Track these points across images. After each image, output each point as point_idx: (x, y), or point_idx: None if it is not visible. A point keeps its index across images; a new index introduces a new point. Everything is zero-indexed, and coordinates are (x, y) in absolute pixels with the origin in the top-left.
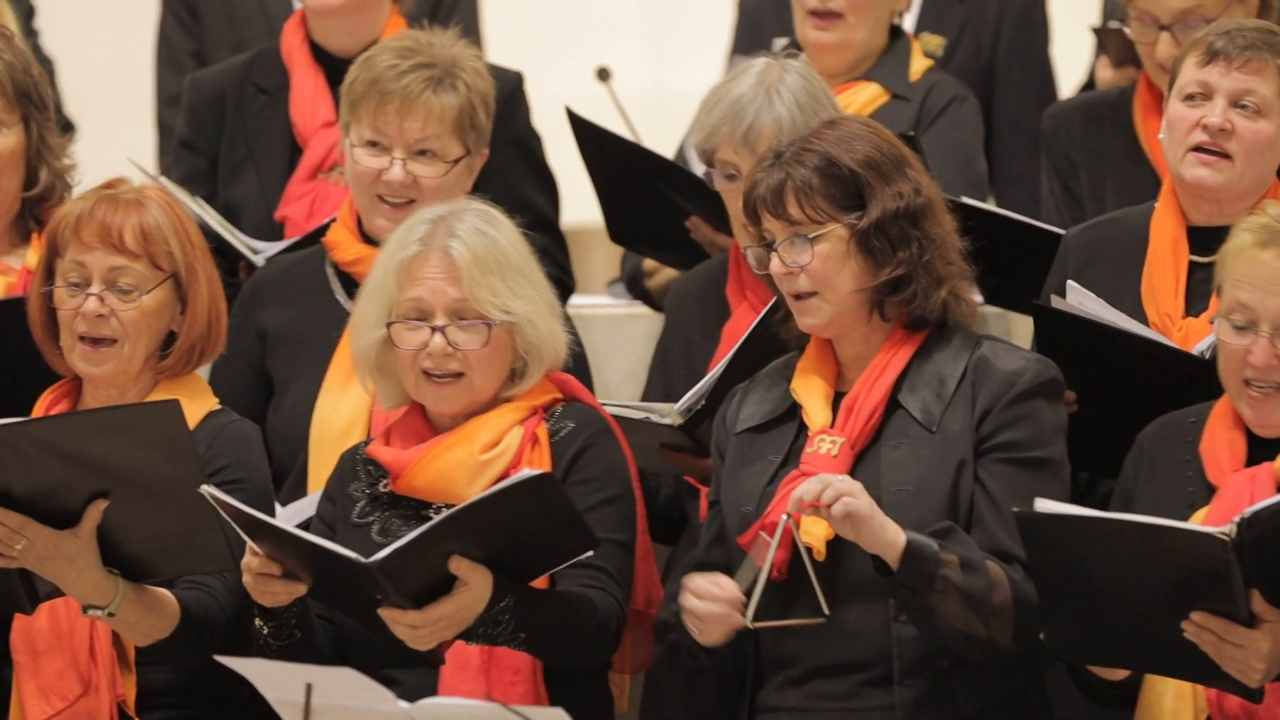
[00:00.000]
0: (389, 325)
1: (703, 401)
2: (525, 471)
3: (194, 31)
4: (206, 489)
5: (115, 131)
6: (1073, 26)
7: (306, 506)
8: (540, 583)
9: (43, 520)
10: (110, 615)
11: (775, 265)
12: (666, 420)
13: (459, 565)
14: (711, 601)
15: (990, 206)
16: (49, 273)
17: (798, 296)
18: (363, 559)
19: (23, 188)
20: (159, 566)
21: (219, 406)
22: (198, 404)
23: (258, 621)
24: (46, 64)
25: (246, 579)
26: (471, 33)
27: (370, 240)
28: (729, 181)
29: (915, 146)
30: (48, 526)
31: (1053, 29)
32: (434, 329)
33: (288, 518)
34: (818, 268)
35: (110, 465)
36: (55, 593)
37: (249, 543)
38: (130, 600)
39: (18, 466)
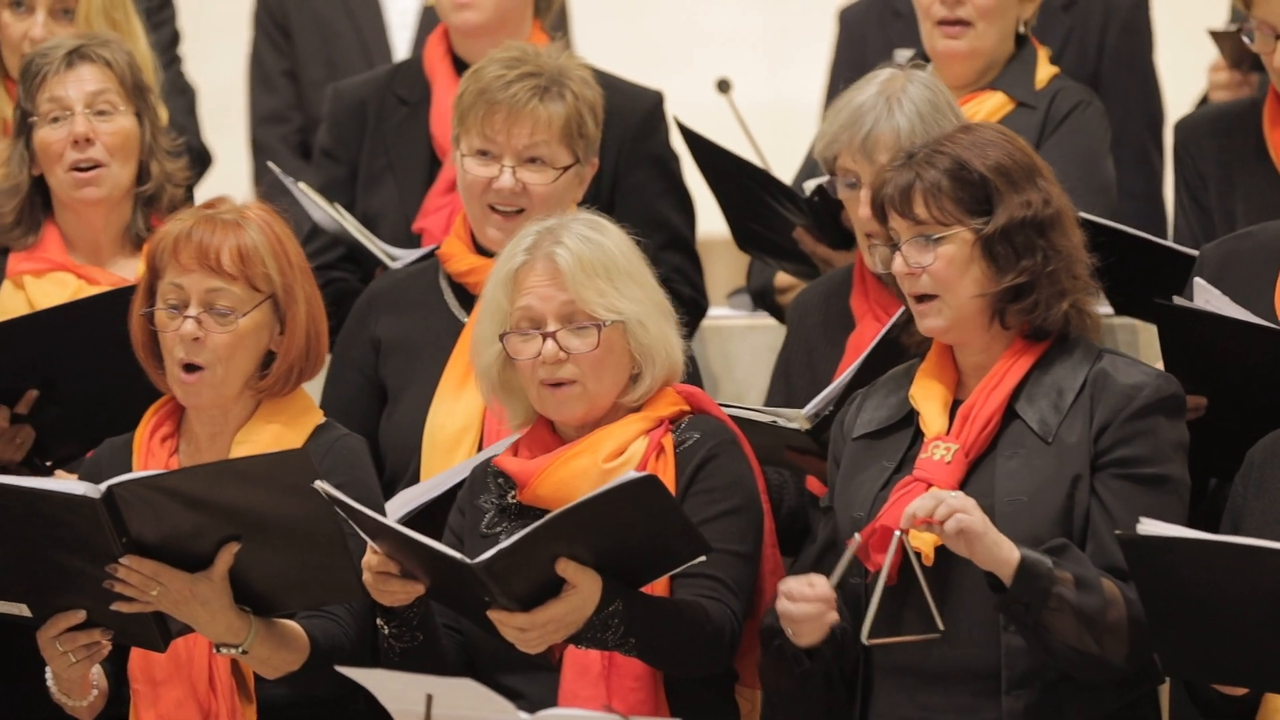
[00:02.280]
0: (502, 338)
1: (830, 407)
2: (629, 474)
3: (286, 51)
4: (322, 486)
5: (243, 146)
6: (1177, 34)
7: (420, 493)
8: (659, 592)
9: (175, 564)
10: (244, 653)
11: (898, 264)
12: (794, 425)
13: (566, 568)
14: (805, 602)
15: (1118, 225)
16: (150, 294)
17: (919, 299)
18: (468, 560)
19: (135, 181)
20: (288, 600)
21: (324, 420)
22: (304, 420)
23: (379, 622)
24: (187, 92)
25: (366, 577)
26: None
27: (483, 251)
28: (850, 190)
29: None
30: (181, 571)
31: (1157, 36)
32: (545, 335)
33: (400, 504)
34: (940, 269)
35: (241, 511)
36: (186, 629)
37: (368, 542)
38: (262, 637)
39: (150, 516)
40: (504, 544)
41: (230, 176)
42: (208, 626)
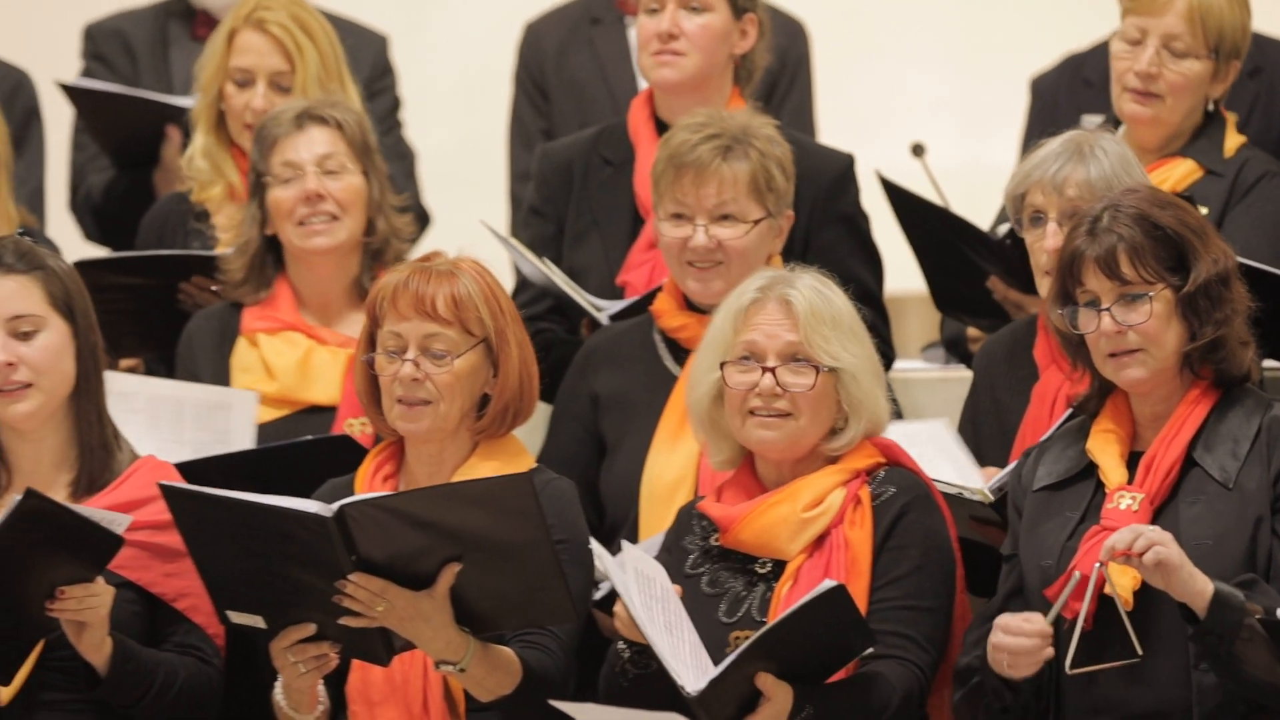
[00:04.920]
0: (722, 365)
1: None
2: (824, 585)
3: (544, 111)
4: (600, 561)
5: (467, 206)
6: None
7: (652, 545)
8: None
9: (400, 583)
10: (461, 671)
11: (1107, 324)
12: (978, 498)
13: (764, 681)
14: (1023, 636)
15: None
16: (371, 341)
17: (1120, 354)
18: (686, 688)
19: (364, 233)
20: (504, 620)
21: (535, 465)
22: (516, 465)
23: (620, 645)
24: (407, 157)
25: (620, 611)
26: (804, 115)
27: (694, 307)
28: (1035, 226)
29: None
30: (406, 589)
31: None
32: (765, 369)
33: (638, 553)
34: (1150, 327)
35: (464, 532)
36: (408, 645)
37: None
38: (479, 657)
39: (378, 536)
40: (715, 673)
41: (448, 239)
42: (429, 643)
